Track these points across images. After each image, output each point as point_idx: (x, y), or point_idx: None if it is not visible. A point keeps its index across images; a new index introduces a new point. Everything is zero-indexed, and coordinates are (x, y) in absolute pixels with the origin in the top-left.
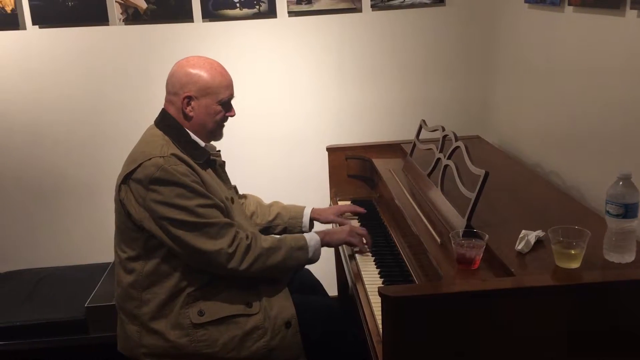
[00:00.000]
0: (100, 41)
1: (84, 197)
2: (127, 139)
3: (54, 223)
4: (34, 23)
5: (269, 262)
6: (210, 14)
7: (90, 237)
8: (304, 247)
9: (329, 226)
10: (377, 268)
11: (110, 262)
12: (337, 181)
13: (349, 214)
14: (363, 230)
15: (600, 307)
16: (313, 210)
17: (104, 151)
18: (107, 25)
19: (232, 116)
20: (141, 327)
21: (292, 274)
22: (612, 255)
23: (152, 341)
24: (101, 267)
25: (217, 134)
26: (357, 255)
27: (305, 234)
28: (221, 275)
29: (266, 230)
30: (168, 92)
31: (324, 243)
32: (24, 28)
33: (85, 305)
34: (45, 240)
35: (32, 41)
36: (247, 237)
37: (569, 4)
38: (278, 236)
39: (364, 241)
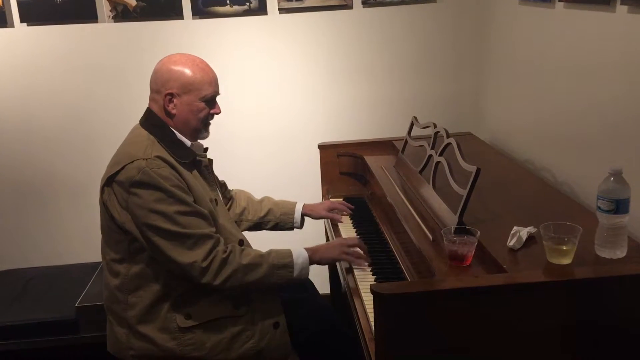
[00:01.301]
0: (89, 39)
1: (74, 195)
2: (116, 137)
3: (44, 222)
4: (22, 20)
5: (246, 279)
6: (200, 11)
7: (81, 236)
8: (288, 265)
9: (321, 222)
10: (369, 265)
11: (101, 262)
12: (329, 178)
13: (341, 209)
14: (356, 245)
15: (592, 302)
16: (304, 206)
17: (94, 149)
18: (96, 22)
19: (217, 113)
20: (129, 330)
21: (278, 289)
22: (603, 251)
23: (140, 344)
24: (92, 267)
25: (202, 131)
26: None
27: (294, 250)
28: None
29: (257, 226)
30: (151, 90)
31: (314, 261)
32: (12, 26)
33: (76, 305)
34: (35, 240)
35: (20, 39)
36: (224, 251)
37: (560, 0)
38: (263, 252)
39: (360, 252)
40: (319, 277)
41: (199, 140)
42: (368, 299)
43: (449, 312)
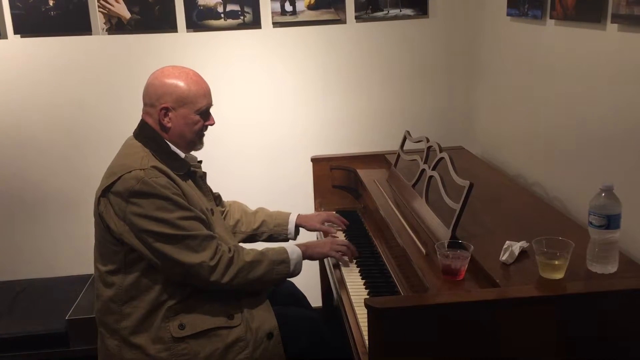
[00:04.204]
0: (83, 51)
1: (65, 208)
2: (110, 149)
3: (35, 234)
4: (15, 32)
5: (250, 276)
6: (195, 25)
7: (72, 248)
8: (285, 260)
9: (314, 234)
10: (362, 279)
11: (92, 274)
12: (321, 191)
13: (333, 223)
14: (345, 242)
15: (584, 317)
16: (299, 217)
17: (87, 162)
18: (90, 35)
19: (211, 125)
20: (121, 342)
21: (274, 286)
22: (595, 266)
23: (132, 356)
24: (82, 279)
25: (196, 143)
26: (341, 266)
27: (287, 247)
28: (201, 288)
29: (251, 237)
30: (145, 104)
31: (306, 256)
32: (5, 37)
33: (66, 318)
34: (26, 252)
35: (13, 51)
36: (229, 250)
37: (551, 18)
38: (260, 249)
39: (348, 253)
40: (312, 291)
41: (192, 152)
42: (361, 313)
43: (442, 327)
